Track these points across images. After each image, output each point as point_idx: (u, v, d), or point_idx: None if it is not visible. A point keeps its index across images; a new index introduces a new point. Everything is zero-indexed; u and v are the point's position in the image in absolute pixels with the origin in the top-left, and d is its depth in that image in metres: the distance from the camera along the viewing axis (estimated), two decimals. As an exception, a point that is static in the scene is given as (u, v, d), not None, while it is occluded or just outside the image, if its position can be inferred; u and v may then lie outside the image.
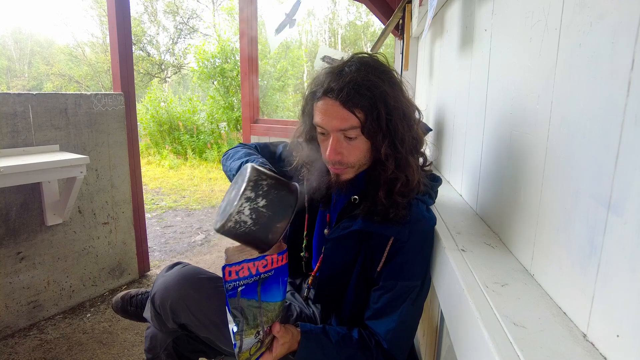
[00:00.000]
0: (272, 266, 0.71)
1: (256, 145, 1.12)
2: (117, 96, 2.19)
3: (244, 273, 0.69)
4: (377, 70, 0.82)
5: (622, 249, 0.43)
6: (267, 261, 0.70)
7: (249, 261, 0.69)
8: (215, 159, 7.02)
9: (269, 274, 0.72)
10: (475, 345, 0.56)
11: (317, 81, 0.85)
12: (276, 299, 0.75)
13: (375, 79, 0.80)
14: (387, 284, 0.85)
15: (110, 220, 2.23)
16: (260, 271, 0.70)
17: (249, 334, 0.72)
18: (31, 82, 17.82)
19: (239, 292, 0.69)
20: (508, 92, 0.82)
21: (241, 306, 0.70)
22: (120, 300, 1.22)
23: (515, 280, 0.66)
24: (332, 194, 0.96)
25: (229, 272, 0.68)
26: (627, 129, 0.43)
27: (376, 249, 0.87)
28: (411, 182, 0.84)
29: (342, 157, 0.84)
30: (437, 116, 1.73)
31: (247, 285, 0.70)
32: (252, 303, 0.71)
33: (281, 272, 0.73)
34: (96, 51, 16.98)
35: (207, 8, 17.08)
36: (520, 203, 0.73)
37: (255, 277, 0.70)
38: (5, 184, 1.57)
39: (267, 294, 0.73)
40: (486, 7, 1.00)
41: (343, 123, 0.80)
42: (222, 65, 8.12)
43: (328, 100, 0.80)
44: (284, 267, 0.73)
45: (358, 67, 0.81)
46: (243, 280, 0.69)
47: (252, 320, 0.72)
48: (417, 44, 2.72)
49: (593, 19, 0.50)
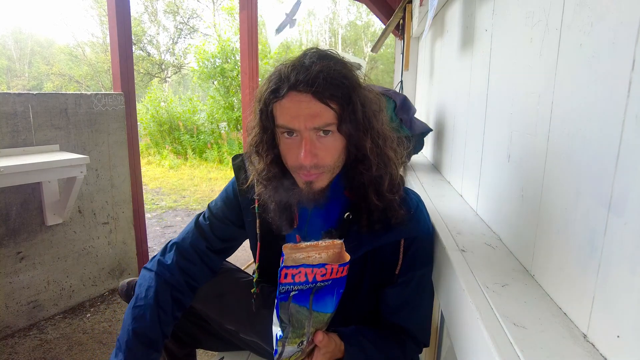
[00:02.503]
0: (330, 276, 0.66)
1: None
2: (117, 96, 2.19)
3: (300, 278, 0.64)
4: (339, 61, 0.74)
5: (622, 250, 0.43)
6: (326, 270, 0.65)
7: (307, 266, 0.64)
8: (215, 159, 7.02)
9: (325, 283, 0.66)
10: (476, 345, 0.56)
11: (276, 78, 0.72)
12: (327, 310, 0.70)
13: (342, 69, 0.72)
14: (406, 278, 0.83)
15: (110, 220, 2.23)
16: (317, 279, 0.65)
17: (292, 342, 0.69)
18: (31, 81, 17.83)
19: (290, 297, 0.65)
20: (508, 92, 0.82)
21: (291, 312, 0.66)
22: (126, 284, 1.22)
23: (515, 280, 0.66)
24: (295, 211, 0.83)
25: (284, 275, 0.63)
26: (628, 129, 0.43)
27: (387, 253, 0.83)
28: (394, 176, 0.79)
29: (317, 159, 0.72)
30: (437, 116, 1.73)
31: (300, 291, 0.65)
32: (303, 310, 0.67)
33: (338, 284, 0.68)
34: (96, 51, 16.99)
35: (207, 8, 17.09)
36: (520, 203, 0.73)
37: (312, 284, 0.65)
38: (5, 183, 1.57)
39: (319, 303, 0.68)
40: (487, 7, 1.00)
41: (317, 119, 0.70)
42: (222, 65, 8.11)
43: (296, 96, 0.69)
44: (342, 279, 0.68)
45: (321, 57, 0.72)
46: (298, 285, 0.64)
47: (299, 328, 0.68)
48: (418, 44, 2.72)
49: (594, 19, 0.50)
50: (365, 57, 15.56)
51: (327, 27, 18.68)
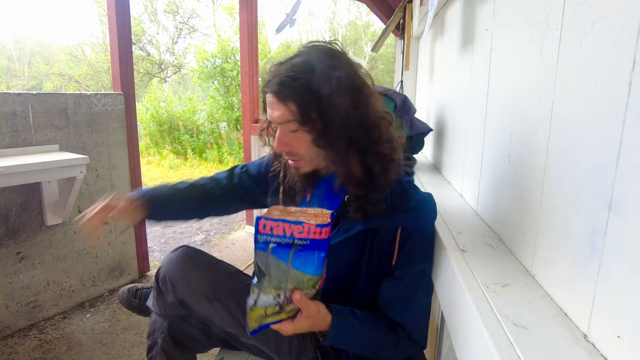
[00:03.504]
0: (307, 235, 0.69)
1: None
2: (117, 96, 2.19)
3: (278, 232, 0.68)
4: (319, 55, 0.78)
5: (623, 250, 0.43)
6: (303, 228, 0.68)
7: (285, 222, 0.68)
8: (215, 159, 7.01)
9: (303, 242, 0.69)
10: (476, 345, 0.56)
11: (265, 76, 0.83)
12: (307, 271, 0.72)
13: (318, 65, 0.76)
14: (402, 272, 0.84)
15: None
16: (295, 236, 0.68)
17: (268, 292, 0.71)
18: (31, 81, 17.81)
19: (270, 249, 0.68)
20: (509, 92, 0.82)
21: (269, 263, 0.69)
22: (126, 291, 1.24)
23: (516, 280, 0.66)
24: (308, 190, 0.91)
25: (263, 225, 0.67)
26: (628, 129, 0.43)
27: (384, 242, 0.85)
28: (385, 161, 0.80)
29: (290, 148, 0.82)
30: (437, 116, 1.73)
31: (279, 245, 0.68)
32: (281, 265, 0.70)
33: (318, 246, 0.70)
34: (96, 51, 16.98)
35: (207, 8, 17.07)
36: (521, 203, 0.73)
37: (289, 239, 0.68)
38: (5, 183, 1.57)
39: (298, 261, 0.70)
40: (487, 7, 1.00)
41: (280, 118, 0.78)
42: (222, 65, 8.11)
43: (268, 96, 0.80)
44: (322, 241, 0.70)
45: (298, 56, 0.80)
46: (275, 237, 0.68)
47: (276, 280, 0.70)
48: (418, 43, 2.72)
49: (594, 18, 0.50)
50: (366, 56, 15.56)
51: (327, 26, 18.68)
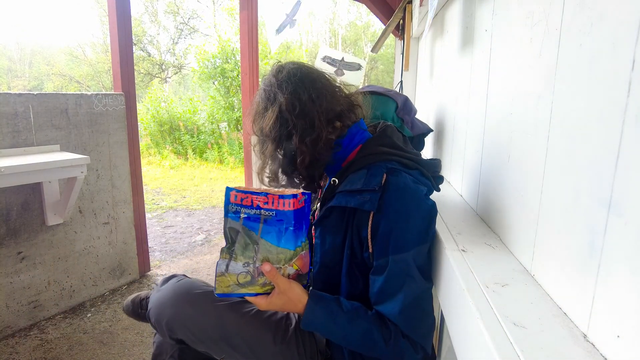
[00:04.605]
0: (272, 206, 0.72)
1: None
2: (118, 96, 2.20)
3: (247, 202, 0.71)
4: (276, 73, 0.92)
5: (622, 250, 0.43)
6: (267, 199, 0.71)
7: (253, 193, 0.71)
8: (216, 159, 7.02)
9: (270, 213, 0.72)
10: (476, 345, 0.56)
11: None
12: (275, 243, 0.74)
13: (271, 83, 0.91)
14: (380, 262, 0.80)
15: (110, 220, 2.23)
16: (260, 206, 0.72)
17: (238, 259, 0.74)
18: (32, 82, 17.83)
19: (241, 219, 0.72)
20: (508, 92, 0.82)
21: (239, 231, 0.72)
22: (130, 304, 1.22)
23: (515, 280, 0.66)
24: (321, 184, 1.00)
25: (234, 196, 0.71)
26: (628, 129, 0.43)
27: (361, 226, 0.82)
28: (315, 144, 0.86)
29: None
30: (437, 117, 1.73)
31: (249, 215, 0.72)
32: (252, 235, 0.73)
33: (284, 219, 0.72)
34: (97, 51, 17.00)
35: (207, 8, 17.09)
36: (520, 203, 0.73)
37: (256, 210, 0.72)
38: (5, 183, 1.57)
39: (267, 234, 0.73)
40: (487, 7, 1.00)
41: None
42: (222, 65, 8.11)
43: None
44: (288, 213, 0.71)
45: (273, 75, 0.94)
46: (245, 208, 0.71)
47: (246, 249, 0.73)
48: (418, 44, 2.72)
49: (593, 19, 0.50)
50: (366, 57, 15.56)
51: (327, 27, 18.68)
